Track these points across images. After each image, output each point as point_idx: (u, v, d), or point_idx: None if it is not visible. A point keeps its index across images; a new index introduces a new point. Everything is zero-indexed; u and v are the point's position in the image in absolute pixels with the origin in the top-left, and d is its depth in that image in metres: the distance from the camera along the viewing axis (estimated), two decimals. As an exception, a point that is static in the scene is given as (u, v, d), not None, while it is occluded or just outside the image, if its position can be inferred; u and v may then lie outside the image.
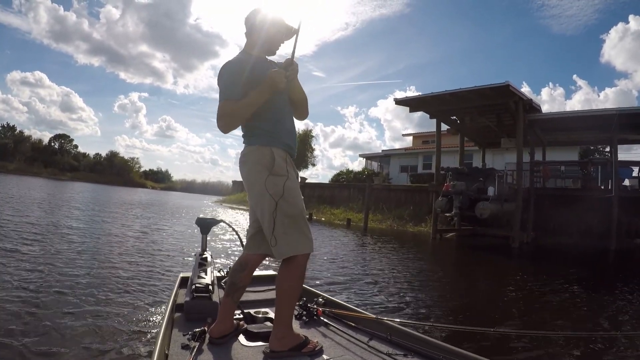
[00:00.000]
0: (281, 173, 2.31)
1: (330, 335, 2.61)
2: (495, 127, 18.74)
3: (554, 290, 7.55)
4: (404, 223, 20.95)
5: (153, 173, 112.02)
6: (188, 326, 2.53)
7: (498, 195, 13.75)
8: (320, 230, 17.48)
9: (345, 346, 2.45)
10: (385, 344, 2.45)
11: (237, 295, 2.49)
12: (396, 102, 17.68)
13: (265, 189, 2.26)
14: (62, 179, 73.18)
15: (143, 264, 7.33)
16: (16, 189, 26.74)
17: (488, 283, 8.39)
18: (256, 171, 2.31)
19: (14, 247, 7.57)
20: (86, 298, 5.02)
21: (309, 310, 2.90)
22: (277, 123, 2.41)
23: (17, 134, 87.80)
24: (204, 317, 2.59)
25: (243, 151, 2.41)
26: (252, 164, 2.33)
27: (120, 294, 5.32)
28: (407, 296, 6.54)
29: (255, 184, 2.31)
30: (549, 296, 7.23)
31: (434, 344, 2.34)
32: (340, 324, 2.78)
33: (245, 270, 2.50)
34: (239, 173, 2.52)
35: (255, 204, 2.36)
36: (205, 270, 3.23)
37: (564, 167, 19.10)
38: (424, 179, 27.20)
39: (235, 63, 2.38)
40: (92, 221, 13.72)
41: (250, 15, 2.47)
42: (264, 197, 2.27)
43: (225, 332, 2.41)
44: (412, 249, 13.36)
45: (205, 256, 3.60)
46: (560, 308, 6.48)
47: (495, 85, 14.26)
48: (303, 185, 34.23)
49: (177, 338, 2.39)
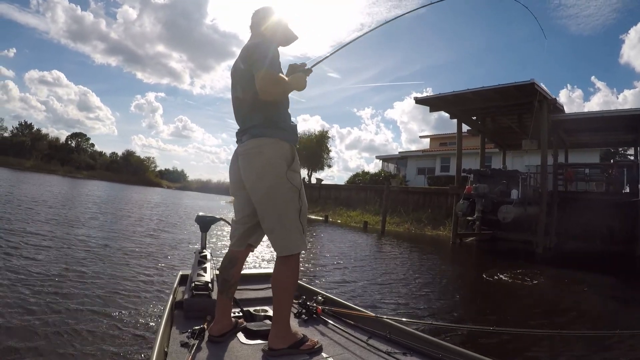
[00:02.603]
0: (297, 170, 2.39)
1: (330, 334, 2.63)
2: (517, 128, 18.31)
3: (585, 298, 7.29)
4: (422, 226, 20.57)
5: (169, 173, 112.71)
6: (187, 324, 2.54)
7: (522, 199, 13.30)
8: (337, 233, 17.28)
9: (345, 344, 2.45)
10: (384, 343, 2.46)
11: (231, 292, 2.53)
12: (416, 101, 17.29)
13: (287, 179, 2.29)
14: (78, 177, 73.89)
15: (143, 262, 7.39)
16: (30, 187, 26.82)
17: (519, 291, 8.06)
18: (275, 163, 2.28)
19: (17, 245, 7.59)
20: (86, 295, 5.09)
21: (308, 308, 2.91)
22: (292, 123, 2.47)
23: (35, 132, 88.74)
24: (203, 315, 2.60)
25: (257, 142, 2.32)
26: (272, 155, 2.29)
27: (120, 291, 5.40)
28: (428, 301, 6.37)
29: (270, 175, 2.27)
30: (581, 303, 6.97)
31: (434, 342, 2.34)
32: (340, 322, 2.80)
33: (236, 265, 2.53)
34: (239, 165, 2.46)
35: (264, 197, 2.30)
36: (204, 268, 3.24)
37: (587, 170, 18.62)
38: (441, 181, 26.90)
39: (272, 45, 2.37)
40: (99, 219, 13.74)
41: (262, 11, 2.54)
42: (282, 188, 2.27)
43: (225, 330, 2.43)
44: (431, 254, 13.06)
45: (205, 254, 3.59)
46: (594, 315, 6.30)
47: (519, 83, 13.73)
48: (319, 186, 34.09)
49: (177, 336, 2.40)
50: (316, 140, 41.50)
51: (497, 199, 13.19)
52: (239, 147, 2.45)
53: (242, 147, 2.39)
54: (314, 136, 42.13)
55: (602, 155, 27.52)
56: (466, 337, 4.33)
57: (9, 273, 5.64)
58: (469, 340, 4.26)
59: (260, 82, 2.20)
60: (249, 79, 2.31)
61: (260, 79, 2.19)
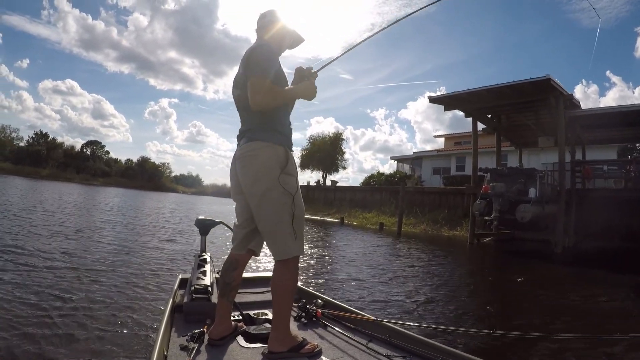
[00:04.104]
0: (292, 173, 2.37)
1: (329, 337, 2.63)
2: (533, 125, 18.12)
3: (607, 299, 7.14)
4: (439, 227, 20.40)
5: (184, 178, 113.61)
6: (187, 327, 2.54)
7: (540, 197, 13.14)
8: (353, 235, 17.28)
9: (344, 348, 2.46)
10: (384, 346, 2.47)
11: (232, 295, 2.54)
12: (430, 100, 17.20)
13: (280, 184, 2.29)
14: (94, 184, 74.83)
15: (143, 265, 7.40)
16: (47, 194, 27.15)
17: (542, 292, 7.95)
18: (269, 167, 2.30)
19: (17, 244, 7.73)
20: (85, 298, 5.09)
21: (307, 311, 2.92)
22: (289, 126, 2.51)
23: (50, 140, 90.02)
24: (203, 319, 2.61)
25: (252, 145, 2.34)
26: (266, 159, 2.30)
27: (119, 294, 5.39)
28: (444, 305, 6.28)
29: (264, 179, 2.29)
30: (602, 304, 6.84)
31: (434, 346, 2.33)
32: (339, 326, 2.80)
33: (237, 269, 2.53)
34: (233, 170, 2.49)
35: (259, 201, 2.31)
36: (204, 272, 3.24)
37: (605, 167, 18.34)
38: (457, 180, 26.71)
39: (272, 50, 2.42)
40: (107, 223, 13.85)
41: (268, 15, 2.55)
42: (275, 192, 2.28)
43: (225, 334, 2.44)
44: (448, 255, 12.93)
45: (205, 257, 3.59)
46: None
47: (535, 79, 13.59)
48: (334, 188, 34.05)
49: (176, 339, 2.40)
50: (330, 142, 41.49)
51: (515, 198, 13.04)
52: (237, 150, 2.46)
53: (239, 150, 2.42)
54: (328, 138, 42.14)
55: (619, 151, 27.11)
56: (468, 341, 4.26)
57: (8, 274, 5.71)
58: (470, 344, 4.20)
59: (249, 90, 2.23)
60: (245, 83, 2.34)
61: (250, 86, 2.23)
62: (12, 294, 4.95)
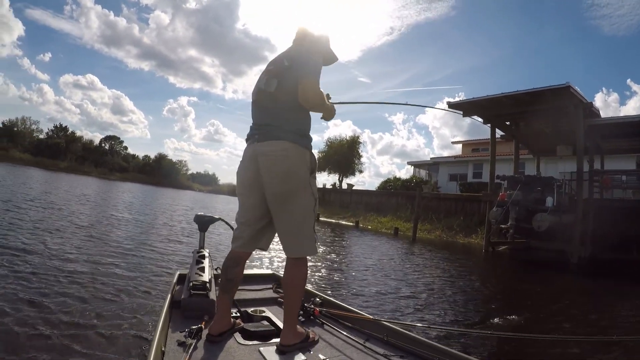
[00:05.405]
0: (315, 177, 2.47)
1: (326, 336, 2.64)
2: (552, 133, 17.97)
3: (624, 309, 7.10)
4: (454, 234, 20.35)
5: (200, 176, 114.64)
6: (185, 323, 2.55)
7: (557, 207, 13.05)
8: (367, 239, 17.35)
9: (341, 347, 2.48)
10: (381, 345, 2.48)
11: (234, 291, 2.59)
12: (449, 106, 17.16)
13: (310, 185, 2.38)
14: (111, 178, 76.25)
15: (142, 261, 7.33)
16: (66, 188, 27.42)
17: (551, 302, 7.94)
18: (301, 168, 2.35)
19: (18, 242, 7.56)
20: (83, 293, 5.02)
21: (306, 309, 2.93)
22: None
23: (69, 134, 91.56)
24: (200, 315, 2.64)
25: (283, 145, 2.34)
26: (297, 160, 2.35)
27: (117, 290, 5.31)
28: (453, 311, 6.25)
29: (295, 180, 2.33)
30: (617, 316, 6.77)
31: (431, 345, 2.35)
32: (337, 324, 2.82)
33: (240, 265, 2.58)
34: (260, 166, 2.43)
35: (285, 200, 2.35)
36: (202, 268, 3.27)
37: (625, 177, 18.09)
38: (474, 188, 26.57)
39: (321, 63, 2.48)
40: (116, 219, 13.88)
41: (309, 27, 2.59)
42: (305, 193, 2.36)
43: (224, 329, 2.48)
44: (463, 262, 12.96)
45: (203, 253, 3.61)
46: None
47: (554, 86, 13.49)
48: (350, 192, 34.09)
49: (174, 335, 2.41)
50: (347, 146, 41.65)
51: (532, 207, 13.00)
52: (260, 146, 2.39)
53: (265, 147, 2.36)
54: (345, 141, 42.29)
55: (638, 161, 26.72)
56: (466, 341, 4.23)
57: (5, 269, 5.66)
58: (469, 344, 4.18)
59: (309, 89, 2.28)
60: (291, 79, 2.34)
61: (310, 87, 2.28)
62: (5, 288, 4.85)
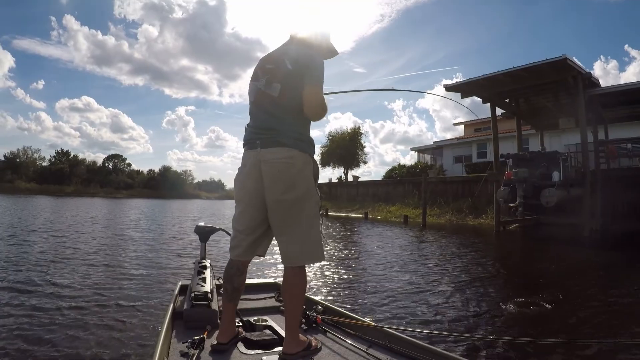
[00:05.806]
0: (317, 185, 2.44)
1: (329, 343, 2.61)
2: (553, 107, 17.83)
3: None
4: (463, 216, 20.35)
5: (206, 184, 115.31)
6: (187, 334, 2.53)
7: (564, 180, 12.99)
8: (377, 229, 17.36)
9: (344, 354, 2.45)
10: (384, 352, 2.44)
11: (238, 299, 2.58)
12: (447, 88, 17.05)
13: (317, 192, 2.38)
14: (119, 197, 76.18)
15: (144, 272, 7.35)
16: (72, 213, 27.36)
17: (569, 282, 7.84)
18: (307, 175, 2.34)
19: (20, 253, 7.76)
20: (85, 304, 5.07)
21: (308, 317, 2.90)
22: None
23: (72, 158, 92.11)
24: (203, 325, 2.62)
25: (289, 152, 2.30)
26: (303, 167, 2.33)
27: (119, 301, 5.34)
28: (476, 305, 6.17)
29: (302, 187, 2.31)
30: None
31: (435, 352, 2.31)
32: (339, 332, 2.79)
33: (243, 273, 2.56)
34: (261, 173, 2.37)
35: (290, 207, 2.30)
36: (204, 278, 3.25)
37: (630, 145, 17.91)
38: (479, 168, 26.47)
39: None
40: (114, 232, 13.97)
41: (321, 32, 2.54)
42: (312, 200, 2.35)
43: (232, 336, 2.48)
44: (475, 246, 12.91)
45: (205, 264, 3.58)
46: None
47: (551, 60, 13.34)
48: (356, 184, 34.04)
49: (177, 346, 2.40)
50: (349, 138, 41.55)
51: (539, 183, 12.93)
52: (264, 152, 2.31)
53: (269, 154, 2.30)
54: (347, 133, 42.20)
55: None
56: (471, 347, 3.96)
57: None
58: (474, 349, 3.93)
59: (314, 97, 2.28)
60: (295, 85, 2.29)
61: (315, 95, 2.28)
62: (15, 299, 5.04)
